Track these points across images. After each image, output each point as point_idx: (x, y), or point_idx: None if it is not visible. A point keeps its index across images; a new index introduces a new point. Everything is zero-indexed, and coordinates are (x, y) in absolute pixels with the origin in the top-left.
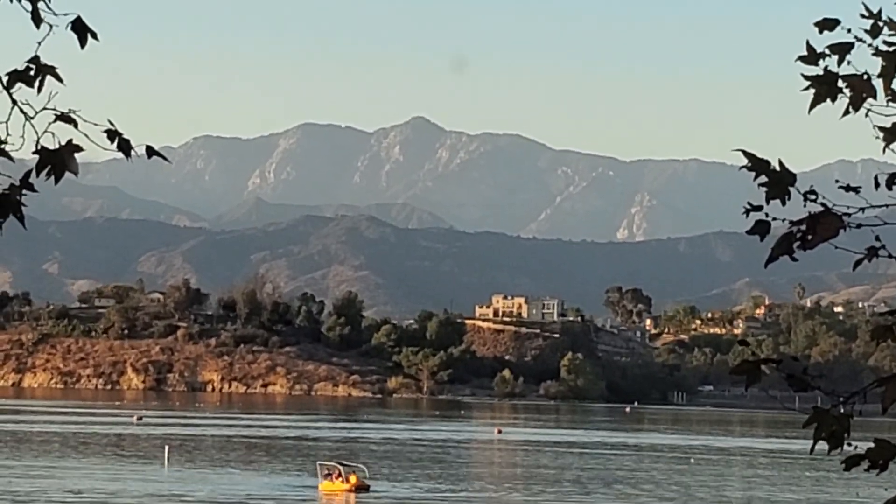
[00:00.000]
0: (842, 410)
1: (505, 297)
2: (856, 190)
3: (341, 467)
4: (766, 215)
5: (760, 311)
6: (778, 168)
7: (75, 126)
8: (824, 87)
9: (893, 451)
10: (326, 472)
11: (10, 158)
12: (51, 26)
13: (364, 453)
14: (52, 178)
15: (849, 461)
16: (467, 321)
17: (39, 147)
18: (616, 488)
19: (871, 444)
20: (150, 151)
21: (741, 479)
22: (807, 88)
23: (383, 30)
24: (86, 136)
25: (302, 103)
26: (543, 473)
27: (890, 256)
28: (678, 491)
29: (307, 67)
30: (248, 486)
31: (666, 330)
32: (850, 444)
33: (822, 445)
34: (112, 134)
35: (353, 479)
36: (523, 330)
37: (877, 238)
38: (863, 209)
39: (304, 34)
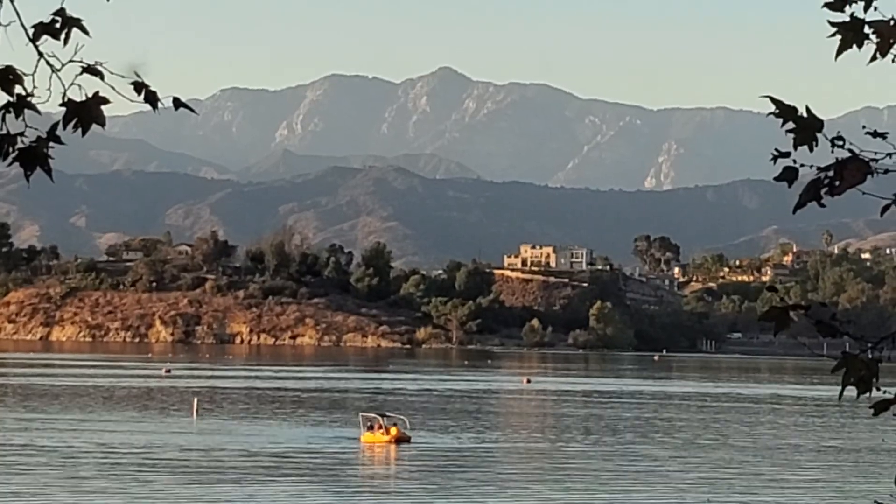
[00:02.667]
0: (870, 356)
1: (533, 247)
2: (883, 136)
3: (382, 419)
4: (794, 162)
5: (788, 259)
6: (805, 115)
7: (102, 78)
8: (850, 34)
9: None
10: (369, 423)
11: (37, 111)
12: None
13: (396, 404)
14: (79, 130)
15: (878, 406)
16: (496, 271)
17: (66, 100)
18: (648, 434)
19: None
20: (177, 103)
21: (770, 425)
22: (833, 35)
23: None
24: (112, 88)
25: (328, 54)
26: (576, 422)
27: None
28: (708, 436)
29: (333, 18)
30: (287, 438)
31: (694, 278)
32: (878, 389)
33: (851, 391)
34: (139, 86)
35: (393, 430)
36: (552, 279)
37: None
38: (890, 155)
39: None
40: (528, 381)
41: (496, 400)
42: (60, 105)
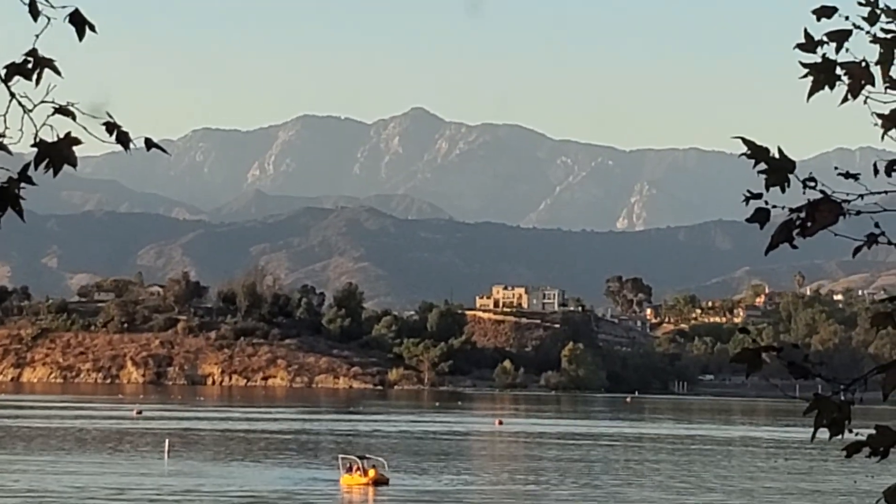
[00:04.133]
0: (842, 398)
1: (505, 288)
2: (855, 177)
3: (360, 461)
4: (766, 203)
5: (760, 300)
6: (777, 155)
7: (74, 119)
8: (822, 75)
9: (894, 437)
10: (348, 465)
11: (9, 152)
12: (49, 19)
13: (369, 446)
14: (51, 171)
15: (850, 448)
16: (468, 312)
17: (38, 140)
18: (623, 477)
19: (872, 431)
20: (149, 144)
21: (742, 468)
22: (805, 76)
23: (381, 20)
24: (84, 128)
25: (301, 95)
26: (551, 465)
27: (889, 243)
28: (680, 479)
29: (306, 59)
30: (263, 480)
31: (666, 319)
32: (850, 431)
33: (824, 433)
34: (111, 126)
35: (371, 472)
36: (524, 320)
37: (876, 225)
38: (862, 196)
39: (302, 26)
40: (501, 423)
41: (469, 442)
42: (32, 146)
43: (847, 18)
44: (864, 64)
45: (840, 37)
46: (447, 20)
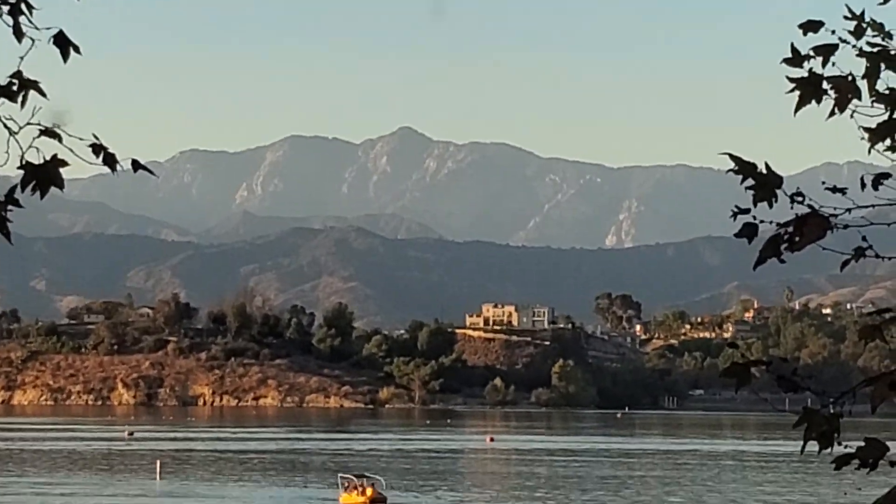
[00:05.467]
0: (831, 410)
1: (495, 306)
2: (842, 191)
3: (358, 479)
4: (754, 218)
5: (749, 315)
6: (764, 171)
7: (60, 141)
8: (809, 89)
9: (883, 449)
10: (346, 483)
11: None
12: (33, 41)
13: (361, 465)
14: (38, 193)
15: (839, 460)
16: (458, 330)
17: (24, 162)
18: (617, 492)
19: (861, 444)
20: (136, 165)
21: (733, 482)
22: (792, 90)
23: (368, 40)
24: (71, 150)
25: (288, 116)
26: (544, 481)
27: (877, 256)
28: (672, 493)
29: (293, 80)
30: (260, 500)
31: (656, 335)
32: (840, 444)
33: (813, 446)
34: (97, 148)
35: (369, 491)
36: (514, 338)
37: (864, 238)
38: (849, 210)
39: (288, 46)
40: (492, 440)
41: (462, 459)
42: (18, 168)
43: (833, 32)
44: (850, 78)
45: (826, 51)
46: (434, 40)
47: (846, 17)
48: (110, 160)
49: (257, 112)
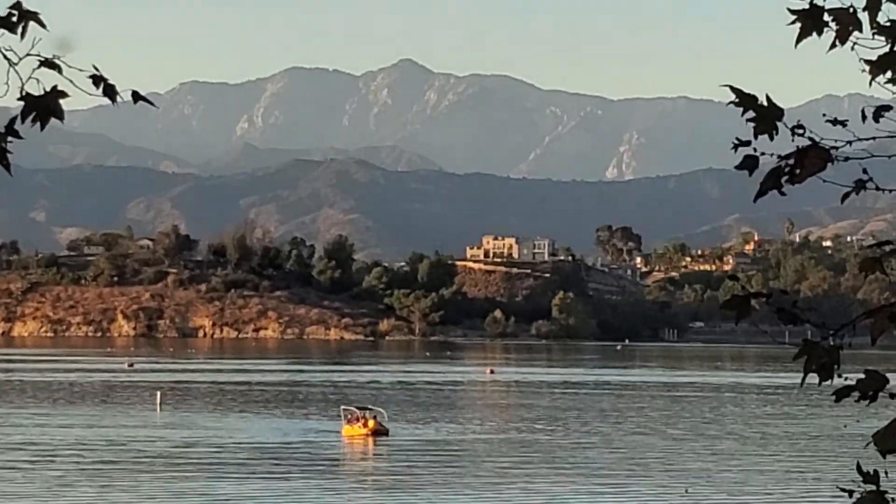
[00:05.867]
0: (831, 343)
1: (495, 238)
2: (843, 123)
3: (359, 411)
4: (755, 150)
5: (750, 247)
6: (765, 103)
7: (60, 72)
8: (810, 21)
9: (883, 381)
10: (349, 416)
11: None
12: None
13: (362, 397)
14: (38, 124)
15: (839, 393)
16: (458, 263)
17: (24, 94)
18: (619, 424)
19: (861, 376)
20: (136, 97)
21: (733, 413)
22: (793, 23)
23: None
24: (71, 82)
25: (289, 47)
26: (546, 413)
27: (877, 189)
28: (672, 425)
29: (294, 11)
30: (262, 431)
31: (656, 267)
32: (840, 376)
33: (813, 378)
34: (97, 79)
35: (371, 423)
36: (514, 270)
37: (864, 171)
38: (850, 143)
39: None
40: (492, 372)
41: (462, 391)
42: (18, 99)
43: None
44: (851, 10)
45: None
46: None
47: None
48: (110, 91)
49: (258, 43)
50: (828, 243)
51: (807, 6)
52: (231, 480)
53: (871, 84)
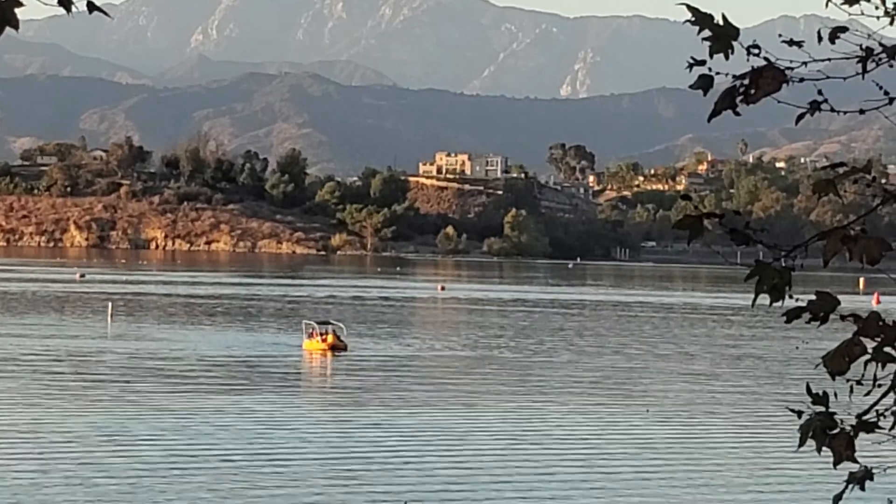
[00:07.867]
0: (783, 264)
1: (448, 155)
2: (799, 44)
3: (319, 326)
4: (710, 70)
5: (703, 167)
6: (721, 23)
7: None
8: None
9: (834, 303)
10: (310, 330)
11: None
12: None
13: (313, 311)
14: None
15: (790, 314)
16: (411, 178)
17: None
18: (574, 343)
19: (813, 297)
20: (91, 7)
21: (684, 334)
22: None
23: None
24: None
25: None
26: (497, 330)
27: (832, 110)
28: (623, 344)
29: None
30: (217, 344)
31: (609, 186)
32: (791, 297)
33: (764, 299)
34: None
35: (330, 338)
36: (466, 187)
37: (819, 92)
38: (805, 63)
39: None
40: (443, 289)
41: (413, 307)
42: None
43: None
44: None
45: None
46: None
47: None
48: (66, 1)
49: None
50: (781, 164)
51: None
52: (184, 394)
53: (827, 5)
